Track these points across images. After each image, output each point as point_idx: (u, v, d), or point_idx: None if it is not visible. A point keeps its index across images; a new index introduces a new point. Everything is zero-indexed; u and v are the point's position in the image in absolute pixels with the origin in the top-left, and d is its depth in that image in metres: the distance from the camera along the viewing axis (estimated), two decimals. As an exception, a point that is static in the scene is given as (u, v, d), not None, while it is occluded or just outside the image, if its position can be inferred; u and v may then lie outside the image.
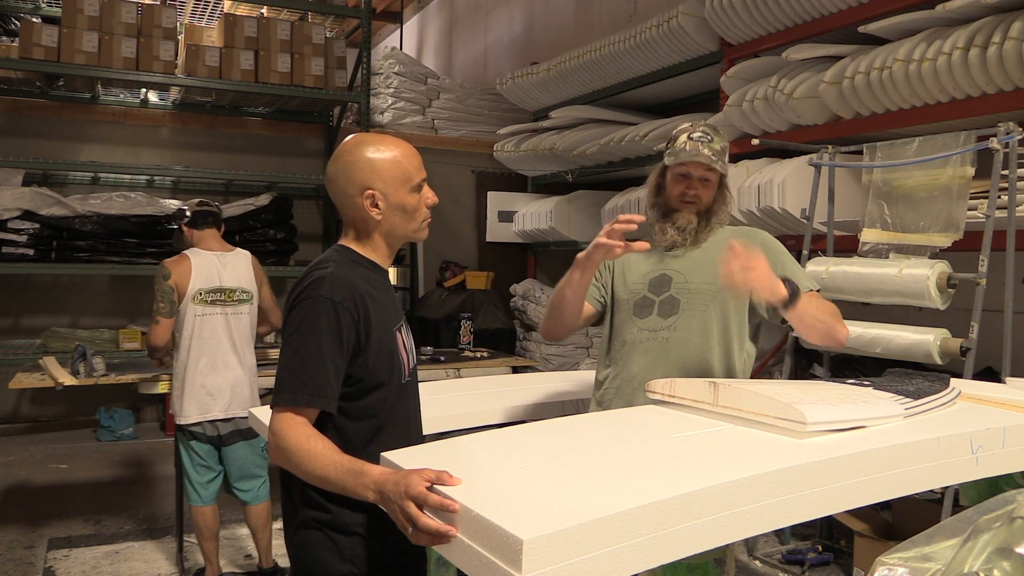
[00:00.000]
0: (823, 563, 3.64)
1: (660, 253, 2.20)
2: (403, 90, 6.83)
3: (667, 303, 2.14)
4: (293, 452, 1.48)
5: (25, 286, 5.97)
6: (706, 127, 2.13)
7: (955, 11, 3.18)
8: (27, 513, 4.28)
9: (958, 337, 2.96)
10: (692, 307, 2.13)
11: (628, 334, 2.16)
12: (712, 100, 4.82)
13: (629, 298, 2.18)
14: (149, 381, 3.55)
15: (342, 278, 1.60)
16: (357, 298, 1.58)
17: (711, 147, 2.09)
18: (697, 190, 2.13)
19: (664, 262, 2.18)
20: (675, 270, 2.17)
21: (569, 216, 5.99)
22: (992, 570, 1.17)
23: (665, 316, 2.13)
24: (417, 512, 1.26)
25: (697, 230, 2.14)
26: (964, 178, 3.04)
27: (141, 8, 5.77)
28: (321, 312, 1.55)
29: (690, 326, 2.11)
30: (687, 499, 1.22)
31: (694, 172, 2.12)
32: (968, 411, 1.83)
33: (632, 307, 2.17)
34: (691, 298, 2.13)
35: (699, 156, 2.07)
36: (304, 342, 1.55)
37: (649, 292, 2.17)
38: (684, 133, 2.12)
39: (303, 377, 1.53)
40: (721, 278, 1.91)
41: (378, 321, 1.62)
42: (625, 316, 2.18)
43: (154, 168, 6.21)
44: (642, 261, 2.20)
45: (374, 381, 1.61)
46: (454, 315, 5.69)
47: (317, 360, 1.53)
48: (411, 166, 1.68)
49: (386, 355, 1.63)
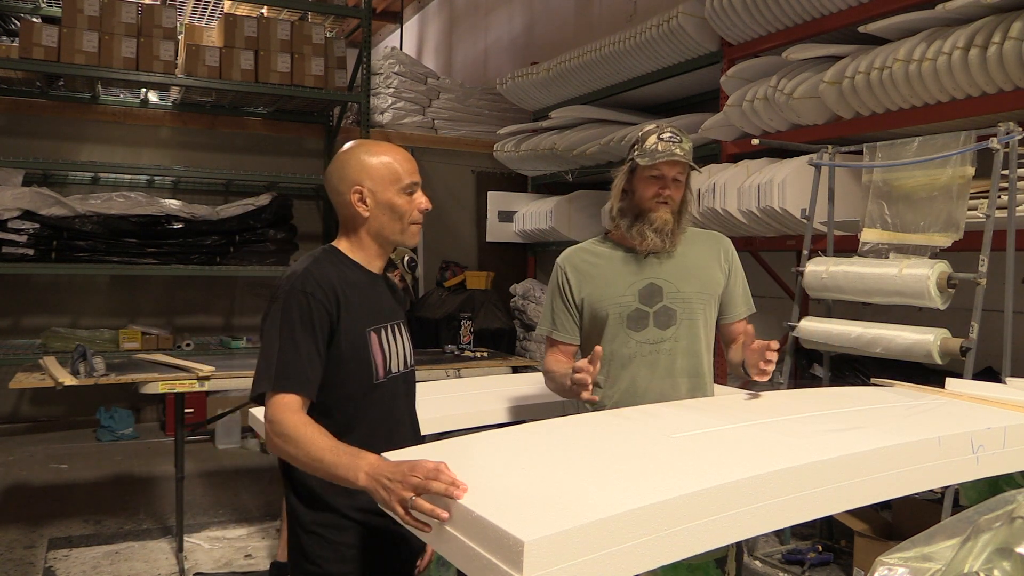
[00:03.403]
0: (823, 563, 3.64)
1: (636, 260, 2.17)
2: (403, 90, 6.83)
3: (663, 314, 2.14)
4: (291, 437, 1.50)
5: (25, 286, 5.96)
6: (673, 128, 2.13)
7: (955, 11, 3.18)
8: (27, 513, 4.28)
9: (958, 337, 2.95)
10: (688, 316, 2.15)
11: (625, 348, 2.13)
12: (712, 100, 4.82)
13: (619, 311, 2.14)
14: (149, 381, 3.55)
15: (316, 272, 1.65)
16: (329, 290, 1.62)
17: (681, 147, 2.09)
18: (671, 190, 2.12)
19: (646, 269, 2.16)
20: (663, 279, 2.15)
21: (569, 216, 5.98)
22: (992, 570, 1.17)
23: (663, 327, 2.13)
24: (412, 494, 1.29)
25: (673, 230, 2.14)
26: (964, 178, 3.04)
27: (141, 8, 5.77)
28: (294, 303, 1.60)
29: (688, 335, 2.15)
30: (688, 499, 1.22)
31: (668, 172, 2.11)
32: (968, 411, 1.83)
33: (624, 320, 2.13)
34: (685, 307, 2.15)
35: (674, 156, 2.07)
36: (281, 332, 1.59)
37: (641, 304, 2.14)
38: (652, 135, 2.11)
39: (281, 367, 1.57)
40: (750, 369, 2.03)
41: (347, 319, 1.64)
42: (617, 329, 2.14)
43: (154, 168, 6.20)
44: (619, 270, 2.17)
45: (331, 378, 1.63)
46: (454, 315, 5.69)
47: (292, 349, 1.58)
48: (403, 169, 1.71)
49: (350, 352, 1.65)
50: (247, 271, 6.01)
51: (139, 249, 5.71)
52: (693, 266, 2.19)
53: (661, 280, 2.15)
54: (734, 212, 4.04)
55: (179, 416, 3.76)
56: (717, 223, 4.11)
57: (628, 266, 2.17)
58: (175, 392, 3.58)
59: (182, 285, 6.41)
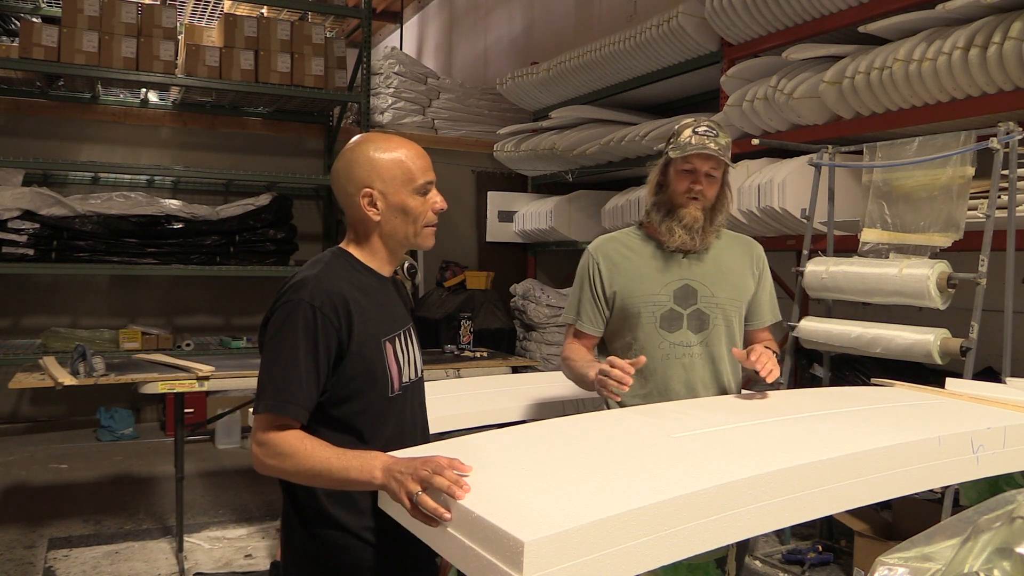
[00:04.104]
0: (823, 563, 3.64)
1: (671, 257, 2.14)
2: (403, 90, 6.82)
3: (695, 317, 2.11)
4: (287, 454, 1.45)
5: (25, 286, 5.96)
6: (710, 122, 2.10)
7: (955, 11, 3.18)
8: (27, 513, 4.28)
9: (958, 337, 2.95)
10: (721, 322, 2.13)
11: (658, 348, 2.10)
12: (712, 100, 4.81)
13: (654, 310, 2.10)
14: (149, 381, 3.55)
15: (326, 281, 1.54)
16: (339, 304, 1.52)
17: (716, 142, 2.06)
18: (703, 185, 2.08)
19: (682, 269, 2.13)
20: (698, 281, 2.12)
21: (569, 216, 5.98)
22: (992, 570, 1.17)
23: (696, 331, 2.11)
24: (419, 488, 1.28)
25: (704, 228, 2.10)
26: (964, 178, 3.04)
27: (141, 8, 5.77)
28: (299, 316, 1.50)
29: (720, 341, 2.13)
30: (688, 499, 1.22)
31: (700, 167, 2.07)
32: (968, 411, 1.83)
33: (658, 320, 2.10)
34: (719, 312, 2.13)
35: (706, 149, 2.04)
36: (282, 348, 1.50)
37: (675, 304, 2.10)
38: (688, 128, 2.09)
39: (279, 384, 1.48)
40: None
41: (361, 330, 1.54)
42: (651, 329, 2.10)
43: (154, 168, 6.20)
44: (653, 266, 2.13)
45: (347, 391, 1.55)
46: (454, 315, 5.68)
47: (293, 368, 1.48)
48: (416, 167, 1.61)
49: (365, 366, 1.56)
50: (247, 271, 6.01)
51: (139, 249, 5.72)
52: (728, 271, 2.16)
53: (696, 282, 2.12)
54: (734, 212, 4.03)
55: (179, 416, 3.76)
56: (717, 223, 4.10)
57: (662, 263, 2.13)
58: (175, 392, 3.58)
59: (182, 285, 6.41)
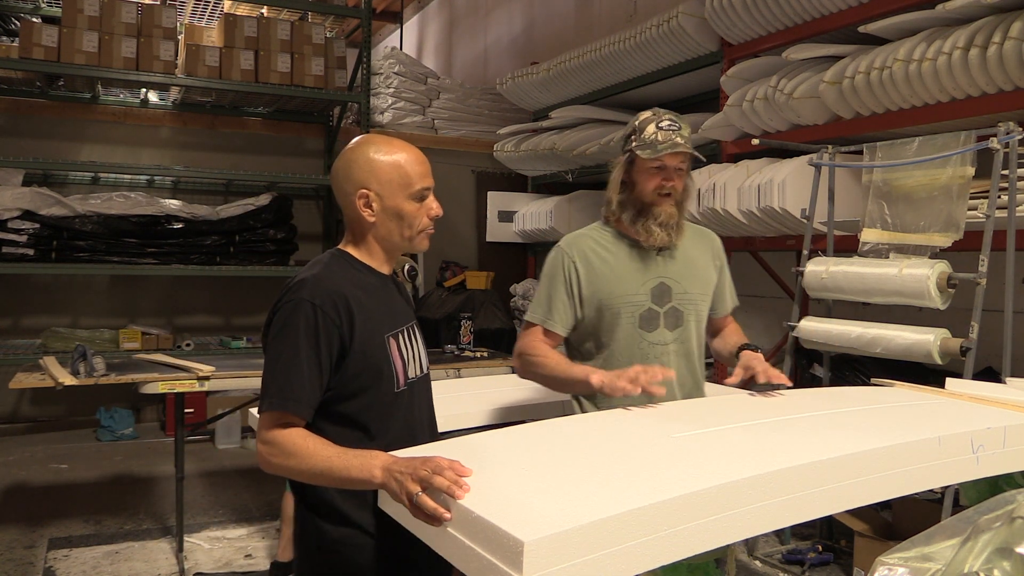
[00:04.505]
0: (823, 563, 3.64)
1: (644, 255, 2.12)
2: (403, 90, 6.82)
3: (671, 315, 2.11)
4: (291, 452, 1.46)
5: (25, 286, 5.96)
6: (671, 115, 2.06)
7: (955, 11, 3.18)
8: (27, 513, 4.28)
9: (958, 337, 2.95)
10: (693, 317, 2.14)
11: (637, 348, 2.08)
12: (712, 100, 4.81)
13: (633, 310, 2.08)
14: (149, 381, 3.55)
15: (326, 280, 1.56)
16: (340, 302, 1.54)
17: (682, 135, 2.03)
18: (673, 181, 2.06)
19: (658, 267, 2.11)
20: (671, 278, 2.11)
21: (569, 216, 5.98)
22: (992, 570, 1.17)
23: (671, 328, 2.11)
24: (418, 488, 1.28)
25: (678, 223, 2.09)
26: (964, 178, 3.04)
27: (141, 8, 5.76)
28: (300, 315, 1.52)
29: (692, 336, 2.14)
30: (688, 499, 1.22)
31: (670, 163, 2.04)
32: (968, 411, 1.83)
33: (637, 320, 2.08)
34: (691, 308, 2.13)
35: (678, 147, 2.01)
36: (284, 348, 1.52)
37: (653, 304, 2.09)
38: (650, 123, 2.04)
39: (281, 382, 1.50)
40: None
41: (363, 327, 1.56)
42: (630, 329, 2.08)
43: (154, 168, 6.20)
44: (628, 266, 2.11)
45: (352, 388, 1.56)
46: (454, 315, 5.69)
47: (294, 366, 1.50)
48: (414, 172, 1.61)
49: (369, 363, 1.57)
50: (247, 271, 6.01)
51: (139, 249, 5.71)
52: (695, 266, 2.17)
53: (670, 280, 2.11)
54: (734, 212, 4.03)
55: (179, 416, 3.76)
56: (717, 223, 4.11)
57: (640, 262, 2.11)
58: (175, 392, 3.58)
59: (182, 285, 6.41)
